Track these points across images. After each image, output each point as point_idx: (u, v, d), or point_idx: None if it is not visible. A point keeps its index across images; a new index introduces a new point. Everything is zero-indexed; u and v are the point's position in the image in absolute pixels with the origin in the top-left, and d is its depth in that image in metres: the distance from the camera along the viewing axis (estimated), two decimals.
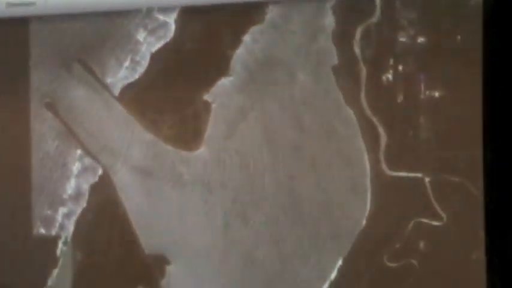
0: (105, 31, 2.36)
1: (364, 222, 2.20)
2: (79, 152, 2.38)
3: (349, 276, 2.21)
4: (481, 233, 2.14)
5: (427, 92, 2.16)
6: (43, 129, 2.39)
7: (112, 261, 2.36)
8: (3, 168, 2.43)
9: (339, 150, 2.20)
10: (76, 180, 2.39)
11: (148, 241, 2.34)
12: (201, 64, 2.29)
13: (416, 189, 2.17)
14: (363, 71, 2.18)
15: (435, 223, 2.16)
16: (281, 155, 2.23)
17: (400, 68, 2.17)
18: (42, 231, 2.42)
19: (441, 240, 2.16)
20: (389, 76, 2.17)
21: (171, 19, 2.31)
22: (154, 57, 2.33)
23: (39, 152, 2.40)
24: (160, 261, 2.33)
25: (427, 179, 2.17)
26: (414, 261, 2.17)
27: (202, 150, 2.29)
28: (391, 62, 2.18)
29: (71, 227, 2.40)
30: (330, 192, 2.21)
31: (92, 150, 2.37)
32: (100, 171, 2.37)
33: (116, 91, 2.35)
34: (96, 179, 2.37)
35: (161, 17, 2.32)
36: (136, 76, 2.33)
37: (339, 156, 2.20)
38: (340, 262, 2.21)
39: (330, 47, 2.20)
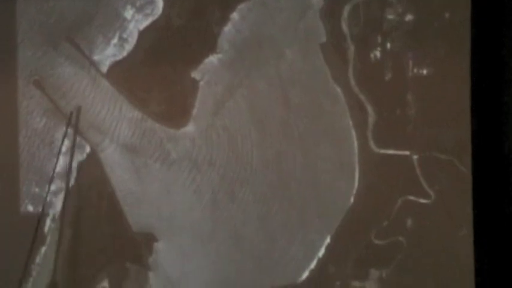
0: (93, 8, 2.44)
1: (351, 200, 2.25)
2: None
3: (337, 254, 2.26)
4: (469, 210, 2.18)
5: (415, 70, 2.20)
6: (30, 106, 2.48)
7: (100, 239, 2.44)
8: None
9: (327, 128, 2.26)
10: (64, 158, 2.48)
11: (136, 219, 2.42)
12: (189, 41, 2.36)
13: (404, 166, 2.22)
14: (351, 49, 2.23)
15: (423, 201, 2.21)
16: (269, 132, 2.30)
17: (388, 45, 2.22)
18: (30, 208, 2.51)
19: (429, 217, 2.20)
20: (377, 54, 2.22)
21: None
22: (142, 34, 2.41)
23: (26, 129, 2.48)
24: (148, 239, 2.41)
25: (415, 157, 2.21)
26: (402, 239, 2.22)
27: (190, 128, 2.37)
28: (379, 39, 2.22)
29: (58, 205, 2.49)
30: (317, 170, 2.27)
31: (80, 128, 2.46)
32: (88, 149, 2.45)
33: (104, 68, 2.43)
34: (84, 156, 2.45)
35: None
36: (124, 53, 2.42)
37: (326, 134, 2.26)
38: (328, 239, 2.26)
39: (318, 24, 2.26)
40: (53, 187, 2.46)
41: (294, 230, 2.30)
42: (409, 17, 2.21)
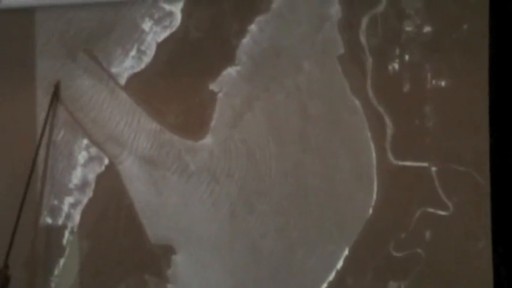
0: (111, 21, 2.48)
1: (370, 211, 2.26)
2: (85, 141, 2.50)
3: (355, 265, 2.28)
4: (487, 222, 2.17)
5: (434, 82, 2.21)
6: (49, 118, 2.51)
7: (118, 251, 2.47)
8: (9, 157, 2.57)
9: (345, 140, 2.28)
10: (82, 169, 2.50)
11: (155, 231, 2.44)
12: (207, 54, 2.39)
13: (423, 178, 2.22)
14: (369, 61, 2.26)
15: (441, 212, 2.21)
16: (287, 144, 2.32)
17: (406, 57, 2.23)
18: (49, 220, 2.55)
19: (447, 229, 2.21)
20: (396, 66, 2.24)
21: (177, 9, 2.41)
22: (160, 46, 2.44)
23: (41, 140, 2.51)
24: (166, 251, 2.43)
25: (433, 169, 2.22)
26: (420, 251, 2.22)
27: (208, 140, 2.39)
28: (397, 51, 2.24)
29: (77, 217, 2.51)
30: (336, 182, 2.28)
31: (98, 140, 2.48)
32: (106, 161, 2.49)
33: (122, 80, 2.47)
34: (103, 168, 2.49)
35: (167, 7, 2.42)
36: (143, 66, 2.45)
37: (345, 146, 2.27)
38: (346, 251, 2.28)
39: (335, 36, 2.28)
40: (71, 199, 2.50)
41: (312, 242, 2.32)
42: (427, 29, 2.23)
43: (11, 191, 2.55)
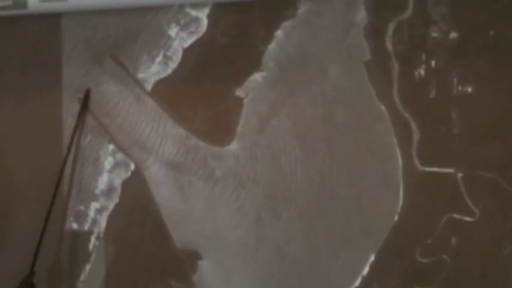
0: (137, 26, 2.50)
1: (396, 217, 2.27)
2: (111, 147, 2.53)
3: (381, 272, 2.29)
4: None
5: (460, 88, 2.21)
6: (75, 124, 2.53)
7: (144, 256, 2.50)
8: (35, 162, 2.60)
9: (371, 146, 2.28)
10: (108, 175, 2.53)
11: (180, 236, 2.47)
12: (233, 59, 2.41)
13: (449, 184, 2.23)
14: (395, 67, 2.26)
15: (467, 219, 2.21)
16: (313, 150, 2.33)
17: (433, 63, 2.24)
18: (75, 226, 2.57)
19: (473, 235, 2.21)
20: (422, 71, 2.24)
21: (203, 14, 2.44)
22: (187, 52, 2.46)
23: (71, 147, 2.53)
24: (192, 256, 2.45)
25: (459, 175, 2.22)
26: (446, 257, 2.23)
27: (234, 146, 2.41)
28: (424, 57, 2.24)
29: (103, 222, 2.54)
30: (361, 188, 2.30)
31: (124, 146, 2.51)
32: (132, 167, 2.51)
33: (148, 86, 2.49)
34: (129, 174, 2.52)
35: (193, 13, 2.44)
36: (169, 71, 2.47)
37: (370, 152, 2.28)
38: (372, 257, 2.29)
39: (362, 42, 2.28)
40: (97, 205, 2.52)
41: (338, 248, 2.32)
42: (453, 35, 2.23)
43: (36, 196, 2.58)
